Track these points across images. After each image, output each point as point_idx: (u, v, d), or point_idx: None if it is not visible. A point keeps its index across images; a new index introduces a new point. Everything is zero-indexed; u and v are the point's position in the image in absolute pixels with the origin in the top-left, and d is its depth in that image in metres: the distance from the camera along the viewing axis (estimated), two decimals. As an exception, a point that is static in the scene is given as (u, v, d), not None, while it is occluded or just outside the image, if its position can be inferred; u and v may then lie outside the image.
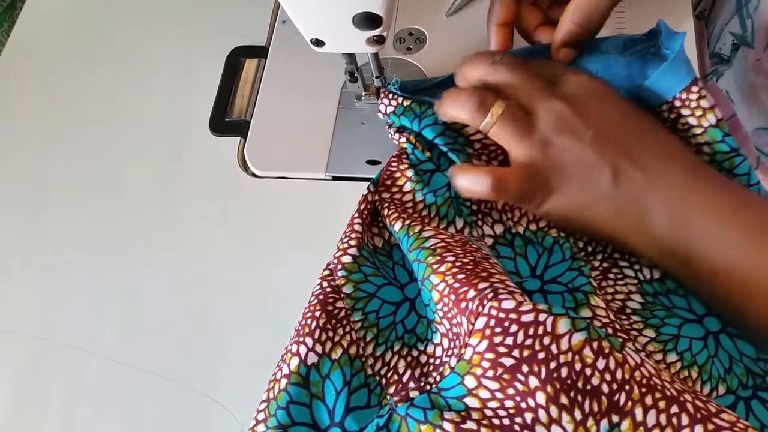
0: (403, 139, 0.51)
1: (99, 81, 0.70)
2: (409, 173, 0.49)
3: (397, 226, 0.45)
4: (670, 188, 0.42)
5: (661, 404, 0.34)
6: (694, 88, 0.46)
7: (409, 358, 0.42)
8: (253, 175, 0.62)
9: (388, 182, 0.49)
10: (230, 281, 0.56)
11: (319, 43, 0.50)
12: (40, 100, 0.70)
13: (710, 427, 0.34)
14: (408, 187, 0.49)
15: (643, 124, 0.45)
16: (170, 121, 0.66)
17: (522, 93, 0.45)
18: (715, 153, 0.47)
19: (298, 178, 0.61)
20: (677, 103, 0.47)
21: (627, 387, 0.34)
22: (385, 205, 0.47)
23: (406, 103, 0.51)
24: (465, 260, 0.41)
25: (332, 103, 0.63)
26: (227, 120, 0.65)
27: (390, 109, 0.52)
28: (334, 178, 0.60)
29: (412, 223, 0.45)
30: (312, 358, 0.40)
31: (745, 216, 0.41)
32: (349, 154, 0.60)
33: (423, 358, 0.42)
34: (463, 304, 0.38)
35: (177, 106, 0.67)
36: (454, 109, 0.46)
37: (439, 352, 0.41)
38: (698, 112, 0.46)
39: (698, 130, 0.47)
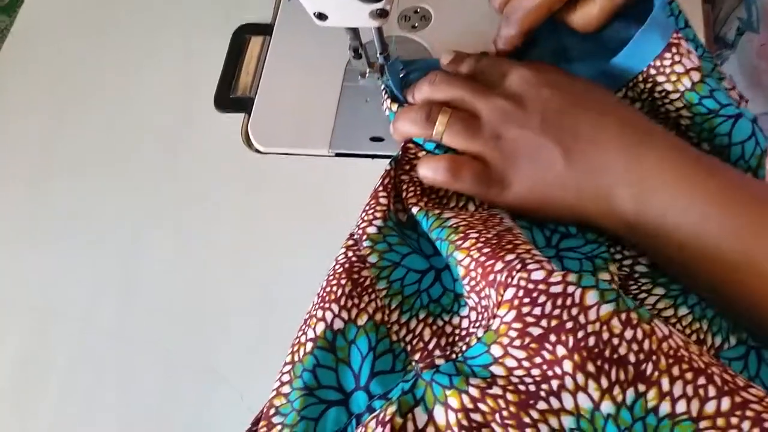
0: None
1: (106, 58, 0.70)
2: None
3: (415, 210, 0.45)
4: (628, 164, 0.42)
5: (688, 375, 0.34)
6: (668, 54, 0.46)
7: (434, 327, 0.42)
8: (257, 151, 0.62)
9: (407, 167, 0.49)
10: (232, 256, 0.56)
11: (322, 16, 0.50)
12: (46, 76, 0.70)
13: (737, 400, 0.34)
14: None
15: (596, 101, 0.45)
16: (175, 97, 0.66)
17: (465, 100, 0.47)
18: (694, 116, 0.47)
19: (302, 155, 0.61)
20: (652, 71, 0.47)
21: (654, 357, 0.34)
22: (404, 186, 0.47)
23: (393, 108, 0.52)
24: (488, 235, 0.41)
25: (336, 81, 0.63)
26: (232, 97, 0.65)
27: (386, 111, 0.54)
28: (338, 155, 0.60)
29: (431, 207, 0.45)
30: (338, 324, 0.40)
31: (710, 186, 0.41)
32: (352, 131, 0.61)
33: (448, 329, 0.42)
34: (491, 277, 0.38)
35: (182, 83, 0.67)
36: (404, 125, 0.49)
37: (465, 323, 0.42)
38: (673, 78, 0.47)
39: (675, 95, 0.47)
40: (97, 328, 0.54)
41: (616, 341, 0.34)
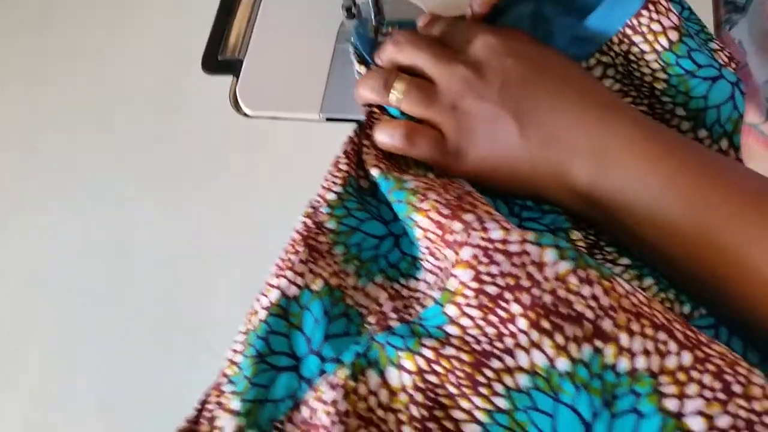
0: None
1: (92, 16, 0.69)
2: None
3: (375, 172, 0.44)
4: (585, 137, 0.41)
5: (648, 331, 0.33)
6: (645, 12, 0.45)
7: (391, 291, 0.41)
8: (245, 114, 0.61)
9: (369, 130, 0.48)
10: (219, 221, 0.55)
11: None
12: (30, 35, 0.69)
13: (699, 354, 0.33)
14: None
15: (559, 73, 0.44)
16: (162, 58, 0.65)
17: (426, 65, 0.46)
18: (670, 77, 0.45)
19: (291, 119, 0.59)
20: (628, 31, 0.46)
21: (613, 314, 0.33)
22: (365, 149, 0.47)
23: (362, 70, 0.51)
24: (448, 196, 0.40)
25: (329, 42, 0.62)
26: (220, 58, 0.64)
27: (356, 75, 0.52)
28: (328, 120, 0.59)
29: (391, 170, 0.44)
30: (293, 291, 0.40)
31: (669, 163, 0.39)
32: (344, 95, 0.59)
33: (405, 292, 0.41)
34: (449, 237, 0.37)
35: (169, 43, 0.66)
36: (364, 91, 0.48)
37: (422, 287, 0.41)
38: (650, 37, 0.45)
39: (651, 56, 0.45)
40: (81, 292, 0.54)
41: (573, 298, 0.33)
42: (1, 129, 0.64)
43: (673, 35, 0.45)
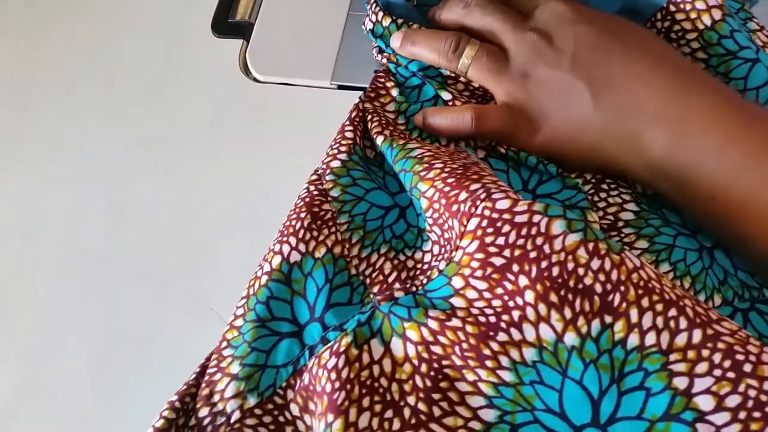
0: (384, 60, 0.49)
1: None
2: (395, 92, 0.47)
3: (380, 139, 0.43)
4: (662, 105, 0.40)
5: (659, 307, 0.32)
6: None
7: (396, 261, 0.41)
8: (255, 80, 0.60)
9: (372, 95, 0.47)
10: (223, 184, 0.54)
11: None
12: None
13: (709, 332, 0.32)
14: (392, 107, 0.47)
15: (632, 40, 0.42)
16: (171, 19, 0.64)
17: (496, 31, 0.45)
18: (710, 57, 0.44)
19: (302, 86, 0.58)
20: (672, 8, 0.45)
21: (622, 288, 0.32)
22: (369, 116, 0.46)
23: (385, 23, 0.49)
24: (454, 165, 0.39)
25: (342, 8, 0.60)
26: (230, 21, 0.62)
27: (370, 25, 0.50)
28: (339, 87, 0.58)
29: (396, 137, 0.44)
30: (295, 257, 0.39)
31: (749, 135, 0.38)
32: (356, 62, 0.58)
33: (410, 263, 0.41)
34: (455, 207, 0.37)
35: (179, 4, 0.64)
36: (428, 53, 0.47)
37: (428, 258, 0.40)
38: (693, 15, 0.44)
39: (692, 35, 0.44)
40: (80, 254, 0.53)
41: (581, 271, 0.33)
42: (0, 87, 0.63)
43: (717, 14, 0.44)
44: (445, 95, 0.46)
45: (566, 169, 0.44)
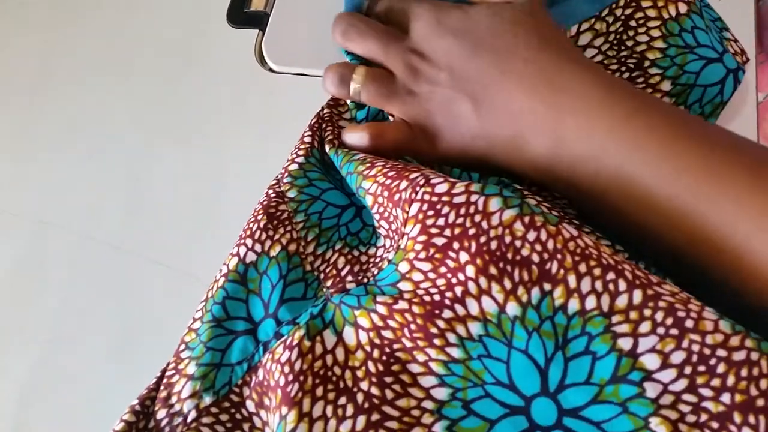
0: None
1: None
2: (351, 103, 0.48)
3: (328, 148, 0.45)
4: (538, 107, 0.39)
5: (597, 271, 0.33)
6: None
7: (349, 257, 0.41)
8: (270, 70, 0.60)
9: (332, 102, 0.49)
10: (240, 174, 0.55)
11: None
12: None
13: (650, 292, 0.32)
14: (348, 115, 0.49)
15: (500, 43, 0.42)
16: (186, 9, 0.65)
17: (377, 55, 0.46)
18: (669, 47, 0.45)
19: (317, 76, 0.59)
20: None
21: (559, 256, 0.33)
22: (324, 124, 0.47)
23: None
24: (395, 162, 0.40)
25: (359, -1, 0.61)
26: (246, 11, 0.63)
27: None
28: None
29: (342, 147, 0.45)
30: (250, 257, 0.40)
31: (631, 126, 0.37)
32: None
33: (364, 258, 0.41)
34: (397, 196, 0.37)
35: None
36: (328, 86, 0.48)
37: (380, 252, 0.41)
38: (660, 3, 0.45)
39: (655, 23, 0.45)
40: (98, 242, 0.54)
41: (518, 243, 0.33)
42: (14, 70, 0.65)
43: (683, 7, 0.45)
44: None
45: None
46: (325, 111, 0.48)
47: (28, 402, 0.50)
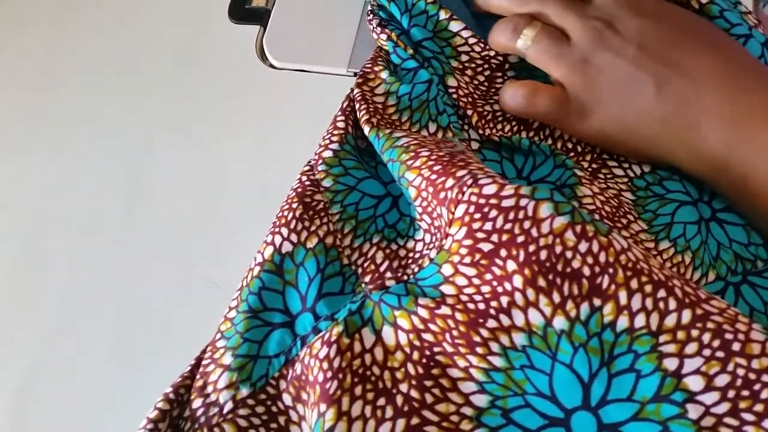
0: (384, 36, 0.48)
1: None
2: (384, 74, 0.47)
3: (367, 129, 0.43)
4: (724, 100, 0.39)
5: (648, 288, 0.32)
6: None
7: (388, 251, 0.41)
8: (271, 66, 0.60)
9: (361, 80, 0.47)
10: (240, 169, 0.55)
11: None
12: None
13: (699, 312, 0.32)
14: (381, 89, 0.46)
15: (697, 33, 0.42)
16: (189, 6, 0.64)
17: (558, 15, 0.44)
18: None
19: (318, 73, 0.58)
20: None
21: (611, 270, 0.32)
22: (357, 104, 0.45)
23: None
24: (440, 153, 0.39)
25: (360, -5, 0.60)
26: (247, 7, 0.63)
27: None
28: (356, 75, 0.58)
29: (383, 126, 0.43)
30: (286, 247, 0.40)
31: None
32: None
33: (402, 252, 0.41)
34: (442, 195, 0.37)
35: None
36: (497, 36, 0.46)
37: (420, 247, 0.40)
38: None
39: (695, 5, 0.45)
40: (99, 236, 0.54)
41: (569, 254, 0.33)
42: (18, 66, 0.64)
43: None
44: (451, 81, 0.46)
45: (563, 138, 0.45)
46: (356, 91, 0.46)
47: (29, 394, 0.50)
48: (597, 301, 0.32)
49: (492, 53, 0.47)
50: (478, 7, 0.49)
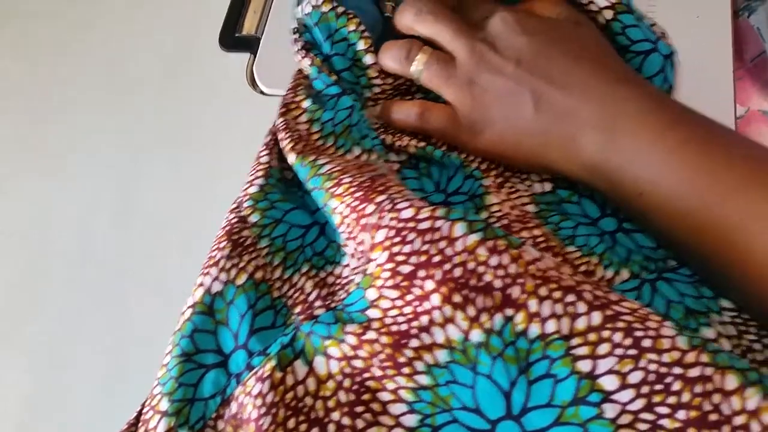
0: (308, 62, 0.48)
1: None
2: (306, 104, 0.47)
3: (291, 157, 0.44)
4: (597, 110, 0.42)
5: (557, 294, 0.33)
6: None
7: (317, 279, 0.42)
8: (262, 92, 0.61)
9: (283, 110, 0.47)
10: (230, 197, 0.55)
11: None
12: (48, 4, 0.69)
13: (609, 313, 0.33)
14: (304, 117, 0.47)
15: (575, 46, 0.44)
16: (179, 33, 0.66)
17: (446, 39, 0.47)
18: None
19: (307, 99, 0.59)
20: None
21: (520, 280, 0.34)
22: (280, 133, 0.46)
23: (325, 8, 0.48)
24: (362, 179, 0.40)
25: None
26: (237, 35, 0.64)
27: (308, 9, 0.49)
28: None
29: (306, 154, 0.44)
30: (216, 287, 0.40)
31: (674, 136, 0.40)
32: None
33: (330, 279, 0.42)
34: (364, 221, 0.38)
35: (187, 19, 0.66)
36: (386, 60, 0.48)
37: (346, 272, 0.41)
38: (592, 15, 0.46)
39: (602, 21, 0.46)
40: (91, 260, 0.54)
41: (481, 269, 0.34)
42: (8, 94, 0.65)
43: (608, 14, 0.45)
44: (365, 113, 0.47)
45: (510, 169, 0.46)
46: (278, 121, 0.47)
47: (23, 426, 0.50)
48: (509, 311, 0.33)
49: (401, 80, 0.49)
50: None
